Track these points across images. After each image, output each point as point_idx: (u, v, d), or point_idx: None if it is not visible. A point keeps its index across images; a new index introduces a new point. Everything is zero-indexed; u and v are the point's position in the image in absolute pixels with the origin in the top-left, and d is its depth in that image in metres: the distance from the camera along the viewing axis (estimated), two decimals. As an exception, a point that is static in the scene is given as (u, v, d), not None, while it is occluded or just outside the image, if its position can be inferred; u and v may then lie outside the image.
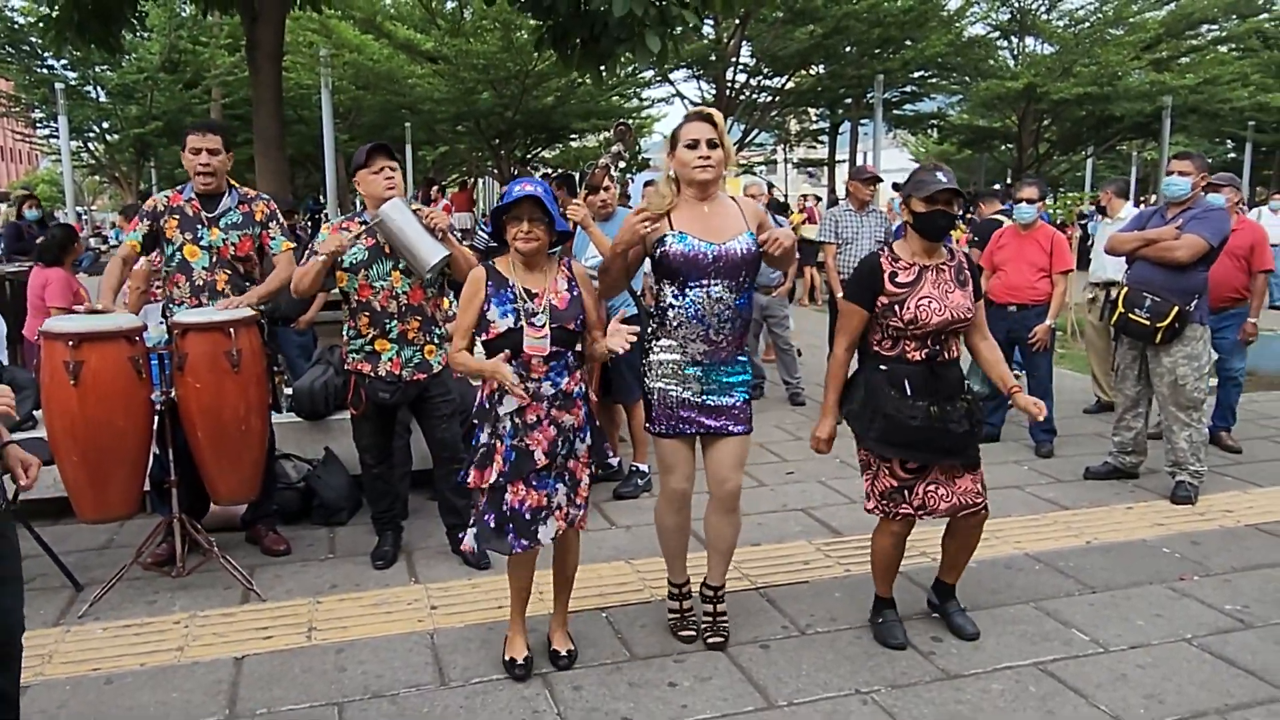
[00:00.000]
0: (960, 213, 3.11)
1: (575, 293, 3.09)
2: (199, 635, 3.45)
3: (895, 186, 6.84)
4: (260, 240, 4.19)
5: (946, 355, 3.15)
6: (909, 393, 3.08)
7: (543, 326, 2.98)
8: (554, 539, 3.07)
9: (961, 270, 3.17)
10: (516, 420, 2.97)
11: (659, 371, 3.22)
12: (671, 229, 3.13)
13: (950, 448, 3.12)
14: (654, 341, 3.24)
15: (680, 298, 3.14)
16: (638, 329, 3.05)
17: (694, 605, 3.48)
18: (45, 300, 5.98)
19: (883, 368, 3.15)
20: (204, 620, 3.57)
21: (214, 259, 4.07)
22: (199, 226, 4.06)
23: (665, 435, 3.24)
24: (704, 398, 3.19)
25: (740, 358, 3.25)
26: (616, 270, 3.27)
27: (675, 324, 3.17)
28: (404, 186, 4.01)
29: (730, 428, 3.22)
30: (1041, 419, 3.29)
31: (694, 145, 3.11)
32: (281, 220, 4.32)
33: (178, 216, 4.07)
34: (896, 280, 3.11)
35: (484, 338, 3.01)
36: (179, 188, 4.20)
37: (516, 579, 3.18)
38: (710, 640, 3.36)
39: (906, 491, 3.18)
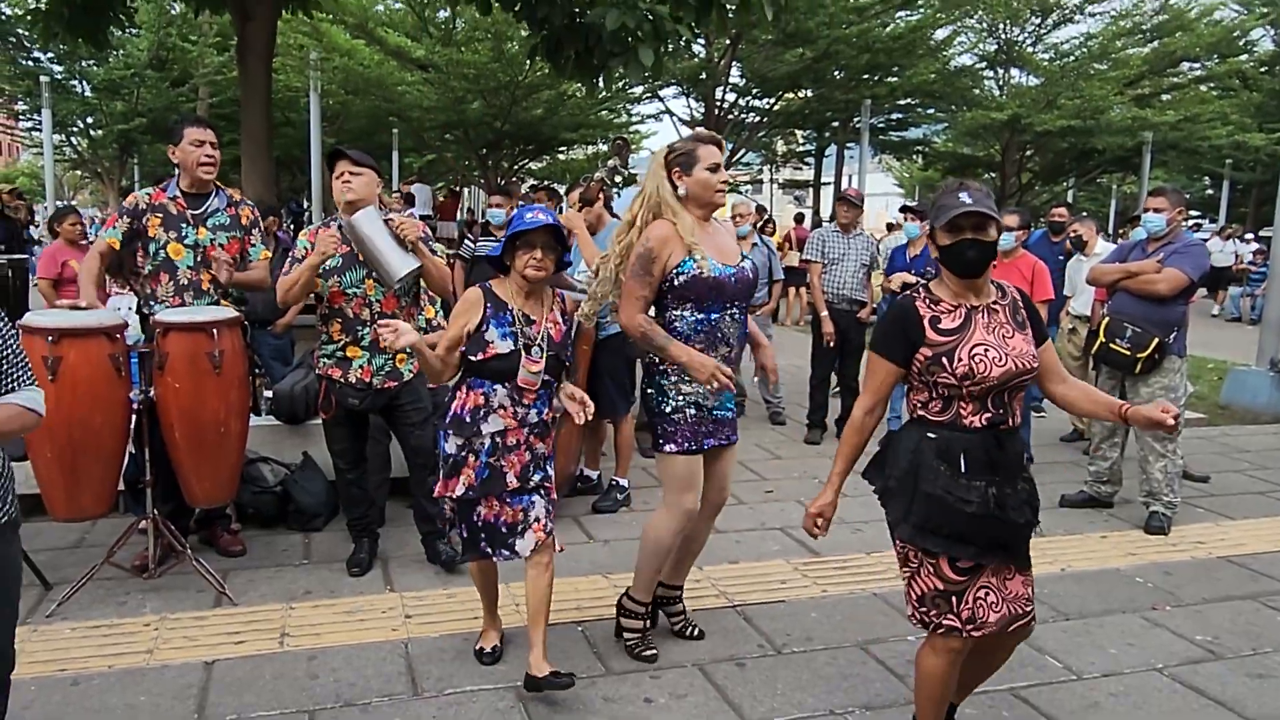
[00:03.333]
0: (1003, 242, 2.29)
1: (569, 324, 3.14)
2: (169, 638, 3.40)
3: (904, 209, 6.91)
4: (243, 244, 4.17)
5: (1012, 420, 2.49)
6: (964, 469, 2.43)
7: (540, 359, 3.00)
8: (533, 550, 3.05)
9: (1017, 310, 2.54)
10: (498, 440, 3.01)
11: (685, 393, 3.18)
12: (692, 254, 3.10)
13: (1008, 543, 2.46)
14: (675, 365, 3.17)
15: (705, 321, 3.14)
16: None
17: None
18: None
19: (931, 435, 2.47)
20: (174, 623, 3.52)
21: (199, 259, 4.04)
22: (184, 225, 4.03)
23: (690, 453, 3.23)
24: (716, 412, 3.26)
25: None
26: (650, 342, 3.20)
27: (701, 348, 3.13)
28: (376, 188, 3.98)
29: (732, 437, 3.35)
30: (1171, 423, 2.41)
31: (715, 169, 3.16)
32: (262, 227, 4.34)
33: (160, 215, 4.03)
34: (940, 327, 2.45)
35: (478, 358, 2.99)
36: (161, 185, 4.17)
37: (478, 577, 3.30)
38: (696, 635, 3.51)
39: (955, 598, 2.46)
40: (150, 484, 3.84)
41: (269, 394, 4.99)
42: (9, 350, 2.15)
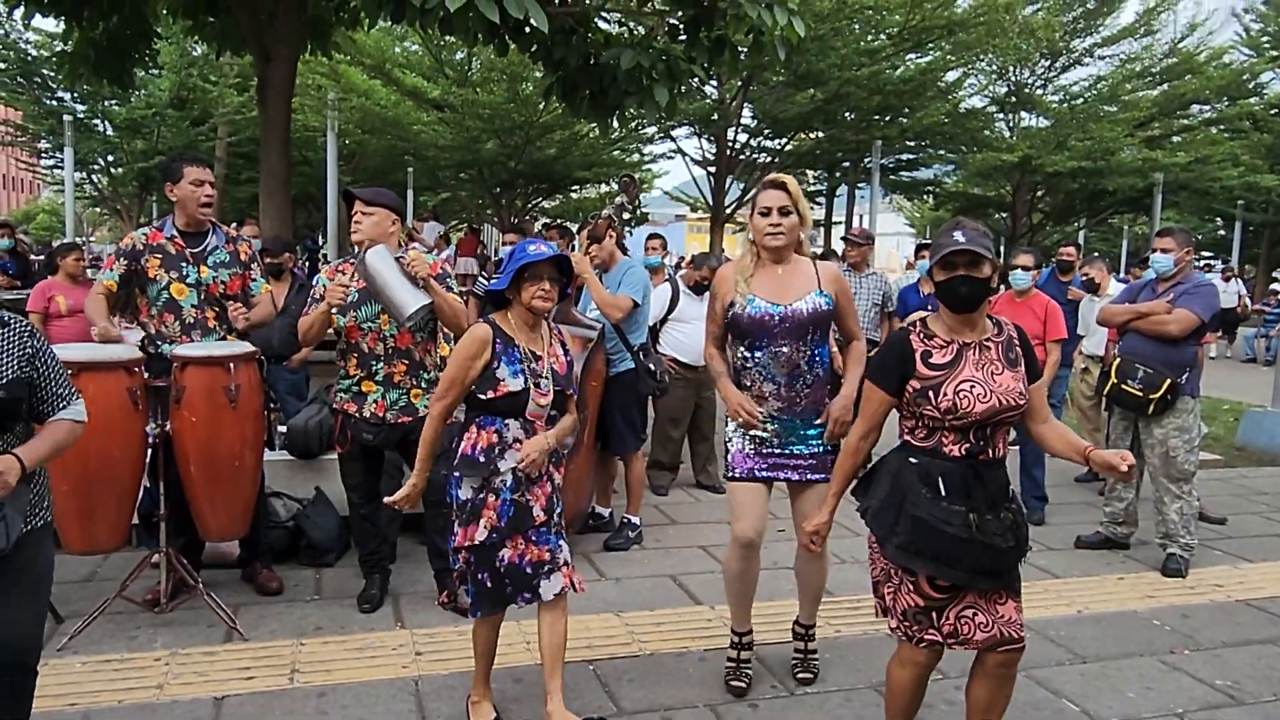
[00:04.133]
0: (996, 280, 2.66)
1: (568, 357, 3.16)
2: (179, 673, 3.39)
3: (920, 248, 6.95)
4: (244, 280, 4.22)
5: (992, 452, 2.61)
6: (944, 493, 2.56)
7: (547, 391, 3.02)
8: (555, 595, 3.00)
9: (1011, 347, 2.65)
10: (519, 475, 2.95)
11: (738, 421, 3.31)
12: (746, 293, 3.26)
13: (991, 568, 2.56)
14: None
15: (750, 358, 3.29)
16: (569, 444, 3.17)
17: (751, 657, 3.52)
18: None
19: (913, 460, 2.62)
20: (185, 658, 3.52)
21: (202, 296, 4.08)
22: (184, 264, 4.07)
23: (740, 480, 3.32)
24: (785, 448, 3.30)
25: (820, 408, 3.34)
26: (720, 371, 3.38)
27: (750, 382, 3.30)
28: (389, 226, 4.00)
29: (810, 476, 3.31)
30: (1125, 469, 2.50)
31: (766, 213, 3.25)
32: (260, 262, 4.39)
33: (159, 255, 4.06)
34: (930, 361, 2.60)
35: (489, 395, 2.95)
36: (157, 224, 4.21)
37: (483, 638, 3.08)
38: (800, 676, 3.49)
39: (935, 614, 2.60)
40: (164, 518, 3.86)
41: (283, 429, 5.02)
42: (55, 369, 2.44)
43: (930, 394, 2.56)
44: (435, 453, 3.10)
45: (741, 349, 3.31)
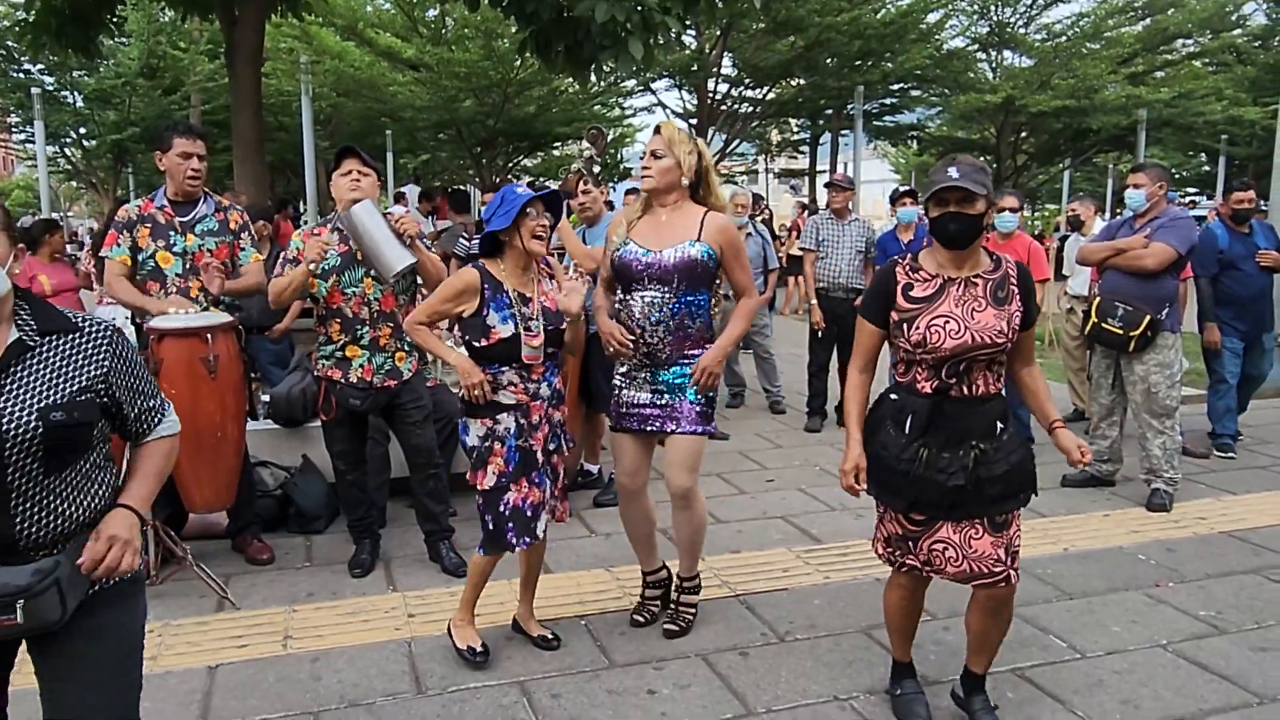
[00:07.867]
0: (988, 218, 2.60)
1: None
2: (172, 644, 3.41)
3: (896, 196, 6.91)
4: (232, 249, 4.17)
5: (965, 389, 2.56)
6: (907, 430, 2.59)
7: (538, 332, 3.07)
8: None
9: (1004, 285, 2.59)
10: (521, 420, 3.07)
11: (618, 369, 3.39)
12: (624, 238, 3.29)
13: (936, 501, 2.58)
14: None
15: (623, 302, 3.32)
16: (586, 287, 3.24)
17: (659, 595, 3.62)
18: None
19: (893, 396, 2.66)
20: (177, 629, 3.53)
21: (188, 265, 4.04)
22: (172, 233, 4.04)
23: (614, 429, 3.42)
24: (653, 396, 3.30)
25: (686, 360, 3.27)
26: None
27: (624, 326, 3.32)
28: (377, 192, 3.99)
29: (668, 426, 3.29)
30: (1087, 463, 2.65)
31: (644, 155, 3.30)
32: (252, 231, 4.33)
33: (149, 224, 4.04)
34: (910, 294, 2.59)
35: (482, 343, 3.06)
36: (150, 195, 4.19)
37: (481, 572, 3.24)
38: (665, 626, 3.48)
39: (910, 543, 2.67)
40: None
41: (266, 398, 4.99)
42: (141, 379, 2.00)
43: (904, 326, 2.57)
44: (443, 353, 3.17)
45: (618, 293, 3.34)
